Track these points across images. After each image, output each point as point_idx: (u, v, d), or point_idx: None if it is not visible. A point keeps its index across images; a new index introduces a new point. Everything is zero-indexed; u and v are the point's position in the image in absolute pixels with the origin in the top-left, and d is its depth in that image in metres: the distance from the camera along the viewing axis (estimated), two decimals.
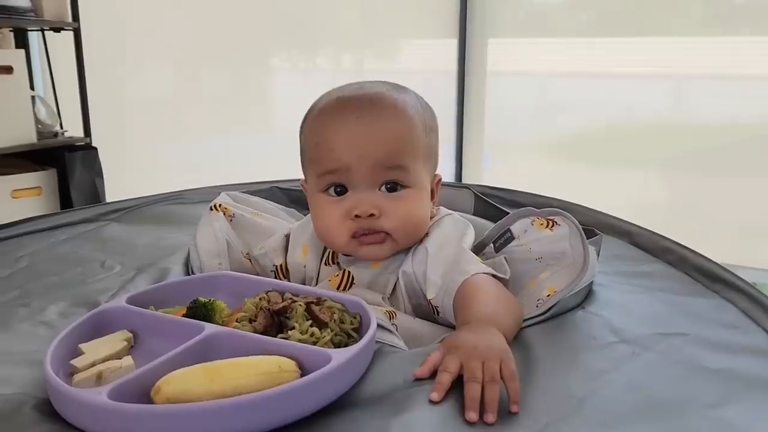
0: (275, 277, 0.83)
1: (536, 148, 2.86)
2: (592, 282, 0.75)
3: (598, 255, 0.77)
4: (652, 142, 2.58)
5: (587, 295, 0.74)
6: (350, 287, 0.76)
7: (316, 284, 0.80)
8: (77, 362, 0.56)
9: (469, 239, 0.78)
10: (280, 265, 0.84)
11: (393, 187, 0.73)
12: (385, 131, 0.72)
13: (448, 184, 1.00)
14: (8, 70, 1.91)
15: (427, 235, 0.77)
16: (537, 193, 1.12)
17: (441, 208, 0.82)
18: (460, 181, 2.94)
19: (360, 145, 0.71)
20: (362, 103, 0.73)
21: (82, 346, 0.59)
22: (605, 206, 1.07)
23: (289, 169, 1.06)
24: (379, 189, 0.73)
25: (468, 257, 0.73)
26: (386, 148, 0.72)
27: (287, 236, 0.85)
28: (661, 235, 0.93)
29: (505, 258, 0.77)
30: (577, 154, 2.78)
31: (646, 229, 0.96)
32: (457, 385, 0.54)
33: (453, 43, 2.85)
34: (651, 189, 2.62)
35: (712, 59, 2.44)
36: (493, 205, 0.97)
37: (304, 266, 0.82)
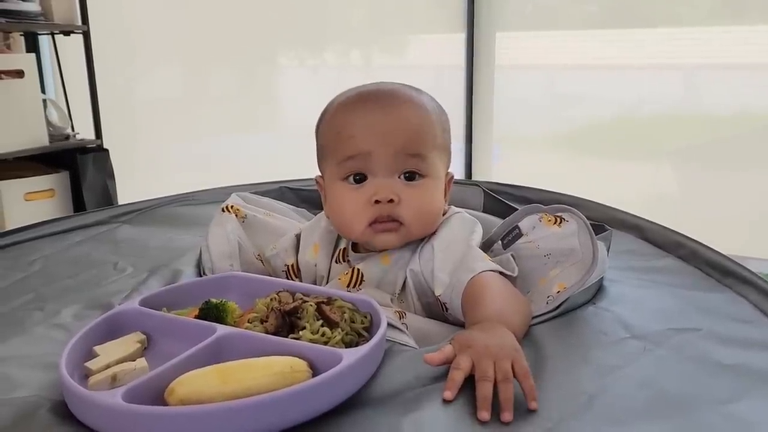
0: (287, 277, 0.84)
1: (546, 142, 2.85)
2: (602, 278, 0.75)
3: (608, 250, 0.77)
4: (662, 133, 2.57)
5: (598, 290, 0.74)
6: (360, 285, 0.76)
7: (327, 282, 0.81)
8: (92, 364, 0.57)
9: (477, 237, 0.78)
10: (292, 265, 0.84)
11: (411, 176, 0.75)
12: (405, 120, 0.74)
13: (457, 182, 1.00)
14: (19, 74, 1.93)
15: (435, 233, 0.77)
16: (546, 188, 1.12)
17: (451, 206, 0.83)
18: (470, 175, 2.94)
19: (380, 132, 0.73)
20: (381, 95, 0.76)
21: (97, 349, 0.59)
22: (615, 198, 1.06)
23: (299, 167, 1.07)
24: (399, 177, 0.74)
25: (475, 255, 0.74)
26: (406, 136, 0.73)
27: (298, 236, 0.86)
28: (672, 230, 0.93)
29: (512, 255, 0.77)
30: (587, 147, 2.77)
31: (656, 224, 0.96)
32: (469, 384, 0.54)
33: (461, 38, 2.84)
34: (661, 181, 2.60)
35: (722, 49, 2.41)
36: (503, 202, 0.97)
37: (315, 265, 0.83)
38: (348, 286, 0.76)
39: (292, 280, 0.84)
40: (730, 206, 2.40)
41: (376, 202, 0.73)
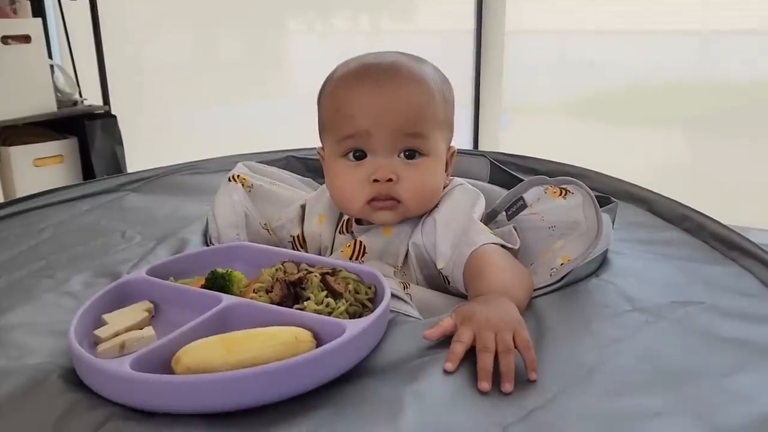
0: (293, 248, 0.85)
1: (556, 109, 2.81)
2: (607, 250, 0.75)
3: (613, 223, 0.77)
4: (676, 101, 2.53)
5: (602, 263, 0.74)
6: (362, 257, 0.77)
7: (331, 253, 0.82)
8: (101, 332, 0.58)
9: (479, 209, 0.78)
10: (297, 236, 0.85)
11: (411, 154, 0.74)
12: (404, 99, 0.73)
13: (464, 152, 1.00)
14: (26, 39, 1.92)
15: (437, 205, 0.77)
16: (554, 159, 1.11)
17: (454, 177, 0.82)
18: (477, 141, 2.91)
19: (379, 111, 0.72)
20: (382, 70, 0.74)
21: (105, 317, 0.60)
22: (627, 167, 1.05)
23: (306, 133, 1.06)
24: (398, 155, 0.74)
25: (477, 228, 0.74)
26: (405, 115, 0.73)
27: (303, 207, 0.86)
28: (678, 203, 0.92)
29: (514, 227, 0.77)
30: (599, 115, 2.73)
31: (663, 196, 0.95)
32: (470, 355, 0.55)
33: (471, 1, 2.79)
34: (674, 150, 2.57)
35: (740, 14, 2.36)
36: (509, 173, 0.97)
37: (320, 235, 0.83)
38: (350, 258, 0.77)
39: (298, 250, 0.84)
40: (744, 176, 2.37)
41: (375, 180, 0.73)
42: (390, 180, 0.73)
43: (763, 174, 2.34)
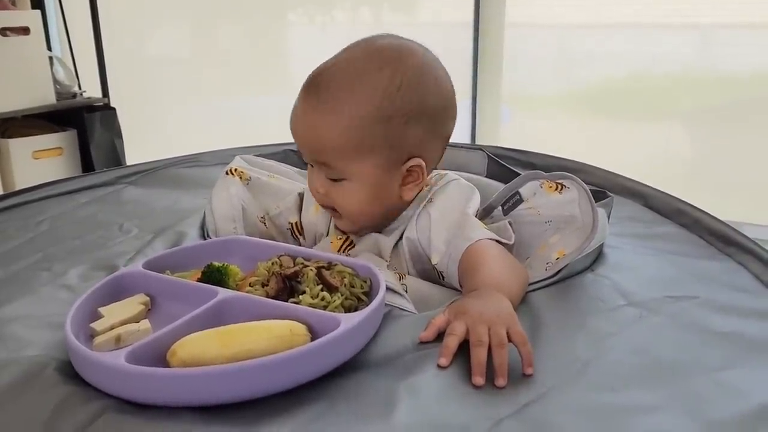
0: (291, 234, 0.85)
1: (556, 102, 2.81)
2: (602, 244, 0.75)
3: (608, 217, 0.77)
4: (676, 94, 2.52)
5: (597, 257, 0.75)
6: (350, 249, 0.77)
7: None
8: (97, 325, 0.58)
9: (474, 204, 0.78)
10: (295, 223, 0.85)
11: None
12: (314, 127, 0.71)
13: (461, 146, 1.00)
14: (25, 31, 1.92)
15: (431, 200, 0.77)
16: (552, 154, 1.11)
17: (449, 172, 0.82)
18: (475, 134, 2.91)
19: (297, 133, 0.74)
20: (312, 88, 0.72)
21: (102, 310, 0.60)
22: (627, 161, 1.05)
23: None
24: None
25: (472, 223, 0.74)
26: (311, 144, 0.73)
27: (301, 195, 0.86)
28: (674, 197, 0.92)
29: (509, 223, 0.77)
30: (599, 108, 2.73)
31: (659, 191, 0.95)
32: (464, 349, 0.55)
33: None
34: (675, 143, 2.57)
35: (741, 7, 2.35)
36: (506, 167, 0.96)
37: (316, 224, 0.84)
38: (339, 249, 0.77)
39: (296, 237, 0.85)
40: (745, 170, 2.37)
41: None
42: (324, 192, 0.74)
43: (761, 169, 2.34)
